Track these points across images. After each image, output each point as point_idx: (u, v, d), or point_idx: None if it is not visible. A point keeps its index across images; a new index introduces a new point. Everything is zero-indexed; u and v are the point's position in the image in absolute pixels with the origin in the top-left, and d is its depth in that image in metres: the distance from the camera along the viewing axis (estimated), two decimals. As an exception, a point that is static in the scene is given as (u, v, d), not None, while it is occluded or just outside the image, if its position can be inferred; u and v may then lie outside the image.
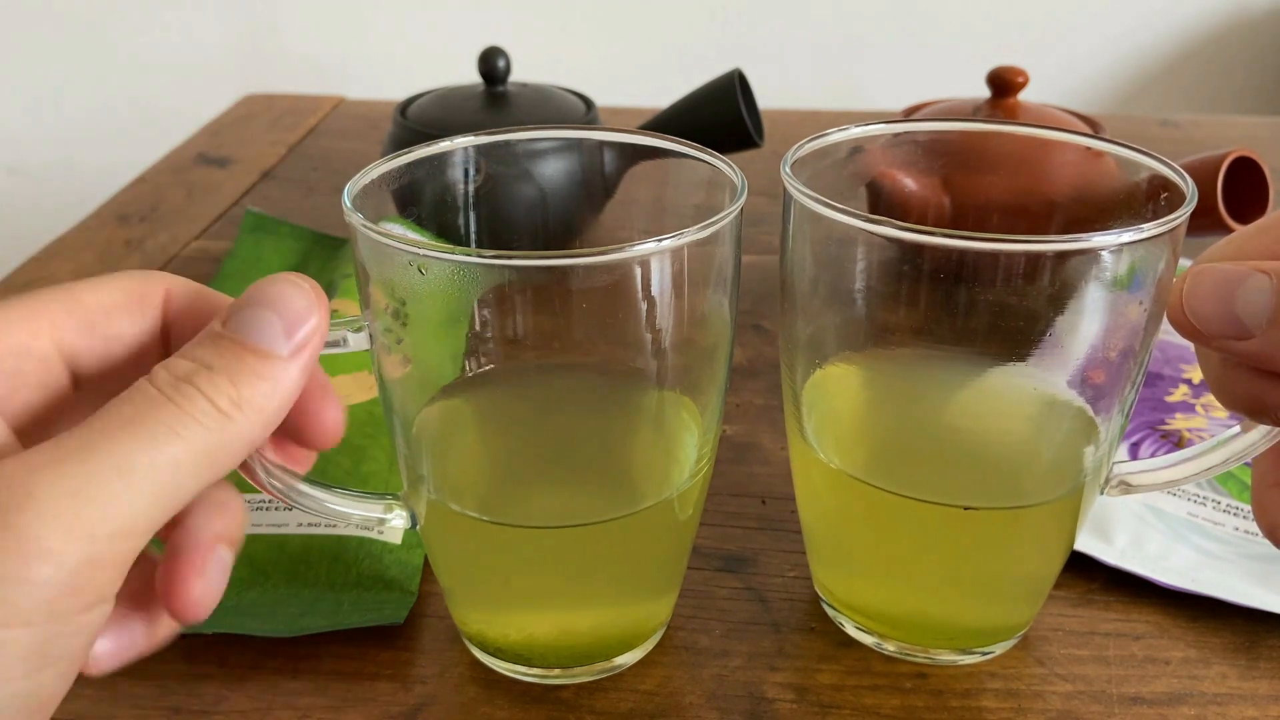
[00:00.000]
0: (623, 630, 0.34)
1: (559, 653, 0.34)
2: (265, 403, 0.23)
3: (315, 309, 0.24)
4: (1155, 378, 0.48)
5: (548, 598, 0.33)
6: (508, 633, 0.34)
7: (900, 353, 0.33)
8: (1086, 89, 1.70)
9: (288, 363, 0.23)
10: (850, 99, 1.62)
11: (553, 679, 0.34)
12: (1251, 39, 1.68)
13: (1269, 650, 0.35)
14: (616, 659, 0.34)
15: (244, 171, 0.79)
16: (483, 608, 0.34)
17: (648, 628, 0.35)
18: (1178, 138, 0.85)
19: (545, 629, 0.34)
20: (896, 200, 0.57)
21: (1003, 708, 0.33)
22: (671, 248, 0.27)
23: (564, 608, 0.34)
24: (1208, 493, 0.41)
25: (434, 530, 0.32)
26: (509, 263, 0.26)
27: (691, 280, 0.28)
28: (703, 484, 0.33)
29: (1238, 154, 0.50)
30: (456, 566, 0.34)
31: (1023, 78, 0.58)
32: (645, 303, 0.28)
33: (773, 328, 0.56)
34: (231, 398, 0.22)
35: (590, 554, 0.32)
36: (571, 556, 0.32)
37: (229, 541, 0.24)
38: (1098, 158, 0.32)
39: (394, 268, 0.27)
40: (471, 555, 0.33)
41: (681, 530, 0.33)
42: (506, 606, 0.34)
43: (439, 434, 0.33)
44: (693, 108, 0.61)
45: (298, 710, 0.33)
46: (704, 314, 0.30)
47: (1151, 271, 0.28)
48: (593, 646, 0.34)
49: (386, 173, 0.31)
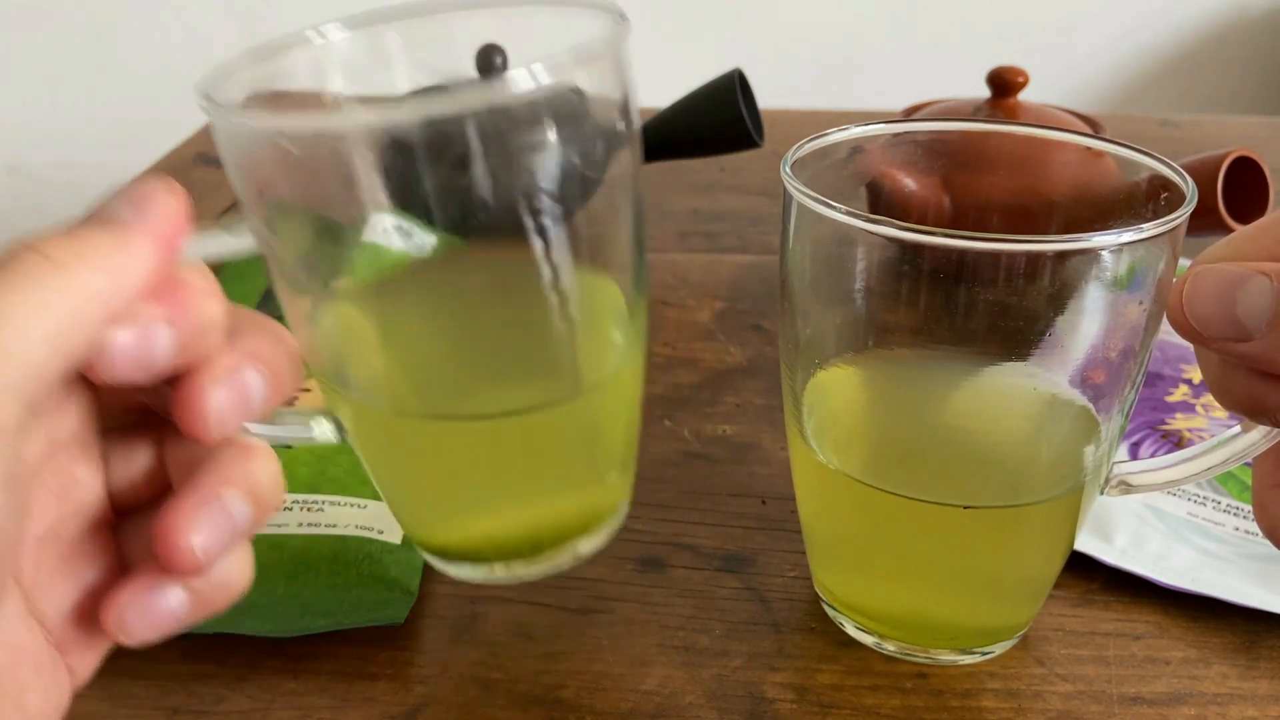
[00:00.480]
0: (575, 517, 0.33)
1: (515, 547, 0.32)
2: (108, 256, 0.21)
3: (166, 189, 0.23)
4: (1155, 378, 0.48)
5: (489, 494, 0.32)
6: (462, 536, 0.33)
7: (900, 353, 0.33)
8: (1086, 89, 1.70)
9: (133, 227, 0.22)
10: (850, 99, 1.62)
11: (517, 576, 0.33)
12: (1251, 39, 1.68)
13: (1269, 650, 0.35)
14: (577, 547, 0.33)
15: (244, 171, 0.79)
16: (427, 510, 0.33)
17: (601, 512, 0.33)
18: (1178, 138, 0.85)
19: (495, 524, 0.33)
20: (896, 200, 0.57)
21: (1003, 708, 0.33)
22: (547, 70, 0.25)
23: (509, 501, 0.33)
24: (1208, 493, 0.41)
25: (363, 437, 0.31)
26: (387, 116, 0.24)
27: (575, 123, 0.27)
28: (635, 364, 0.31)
29: (1238, 154, 0.50)
30: (392, 472, 0.32)
31: (1023, 78, 0.58)
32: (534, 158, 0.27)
33: (772, 328, 0.56)
34: (65, 248, 0.21)
35: (529, 444, 0.31)
36: (508, 449, 0.31)
37: (243, 490, 0.24)
38: (1097, 158, 0.32)
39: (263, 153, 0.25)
40: (405, 458, 0.32)
41: (623, 409, 0.32)
42: (450, 506, 0.33)
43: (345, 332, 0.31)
44: (693, 108, 0.61)
45: (298, 710, 0.33)
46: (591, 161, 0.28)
47: (1151, 271, 0.28)
48: (547, 536, 0.33)
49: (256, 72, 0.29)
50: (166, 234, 0.22)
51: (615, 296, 0.31)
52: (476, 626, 0.37)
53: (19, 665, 0.23)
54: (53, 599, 0.24)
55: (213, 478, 0.23)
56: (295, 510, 0.40)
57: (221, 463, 0.24)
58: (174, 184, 0.23)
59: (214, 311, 0.23)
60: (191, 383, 0.23)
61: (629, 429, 0.33)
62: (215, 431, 0.23)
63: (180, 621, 0.24)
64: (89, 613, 0.25)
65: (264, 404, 0.24)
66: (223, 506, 0.23)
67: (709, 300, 0.59)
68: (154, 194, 0.23)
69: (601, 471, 0.33)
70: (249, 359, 0.24)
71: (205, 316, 0.23)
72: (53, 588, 0.24)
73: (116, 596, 0.24)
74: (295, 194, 0.26)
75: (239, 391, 0.23)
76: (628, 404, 0.32)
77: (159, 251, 0.22)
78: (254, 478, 0.24)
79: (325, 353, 0.30)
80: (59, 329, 0.20)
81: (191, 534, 0.23)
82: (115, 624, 0.24)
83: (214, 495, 0.23)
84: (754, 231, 0.69)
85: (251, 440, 0.25)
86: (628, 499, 0.35)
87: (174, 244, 0.23)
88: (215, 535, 0.23)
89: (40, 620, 0.24)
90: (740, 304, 0.59)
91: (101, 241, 0.21)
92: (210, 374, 0.23)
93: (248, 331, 0.24)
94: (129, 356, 0.22)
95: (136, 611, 0.24)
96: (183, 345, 0.22)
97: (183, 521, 0.23)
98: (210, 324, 0.23)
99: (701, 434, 0.47)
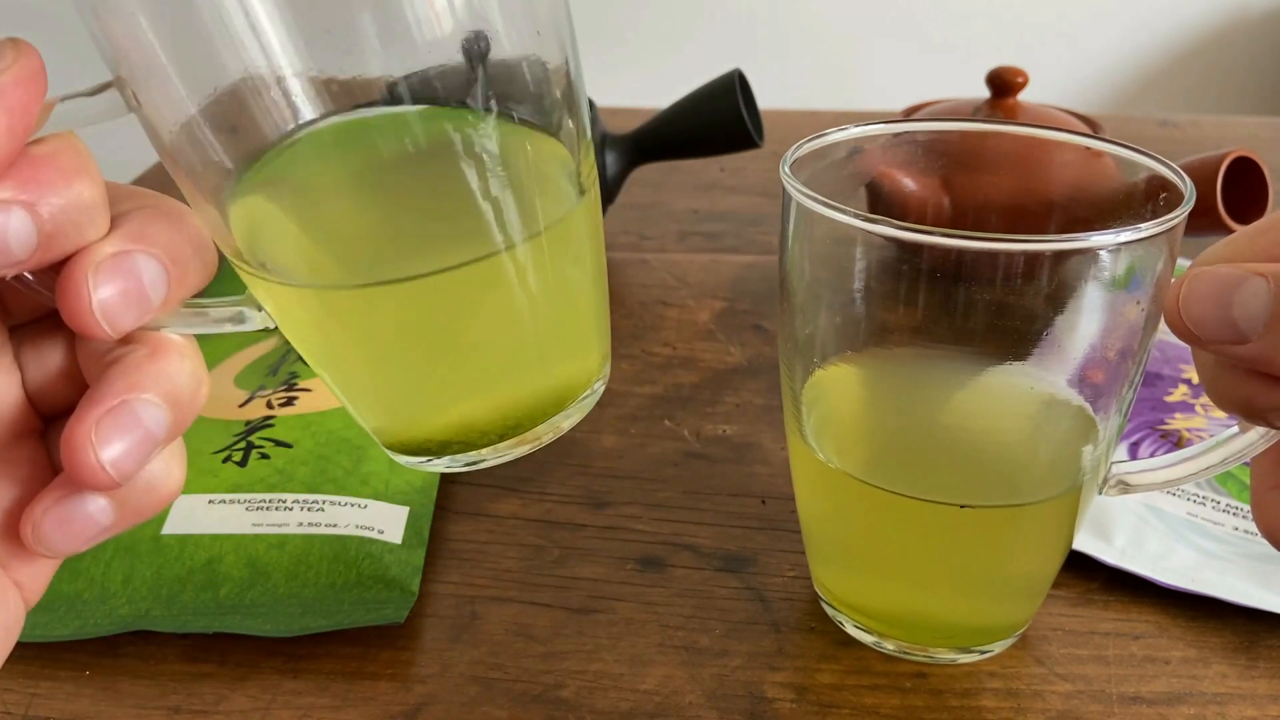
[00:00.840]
0: (547, 392, 0.31)
1: (486, 426, 0.30)
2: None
3: (14, 49, 0.20)
4: (1155, 378, 0.48)
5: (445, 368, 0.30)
6: (430, 422, 0.31)
7: (899, 352, 0.33)
8: (1086, 89, 1.70)
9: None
10: (850, 99, 1.62)
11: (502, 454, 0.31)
12: (1251, 39, 1.68)
13: (1269, 650, 0.35)
14: (556, 420, 0.31)
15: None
16: (384, 401, 0.31)
17: (577, 382, 0.31)
18: (1178, 138, 0.85)
19: (457, 404, 0.31)
20: (896, 200, 0.57)
21: (1002, 707, 0.33)
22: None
23: (470, 376, 0.30)
24: (1208, 493, 0.41)
25: (296, 326, 0.28)
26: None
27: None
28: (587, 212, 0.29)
29: (1237, 154, 0.50)
30: (336, 362, 0.30)
31: (1023, 78, 0.58)
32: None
33: (772, 328, 0.56)
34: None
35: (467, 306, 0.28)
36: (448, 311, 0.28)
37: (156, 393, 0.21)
38: (1097, 158, 0.32)
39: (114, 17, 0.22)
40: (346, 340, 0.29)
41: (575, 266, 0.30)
42: (406, 391, 0.31)
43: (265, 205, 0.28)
44: (693, 108, 0.61)
45: (298, 710, 0.33)
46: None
47: (1150, 271, 0.28)
48: (522, 413, 0.31)
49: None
50: (14, 99, 0.19)
51: (551, 144, 0.28)
52: (476, 626, 0.37)
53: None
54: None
55: (120, 383, 0.21)
56: (295, 510, 0.40)
57: (129, 364, 0.21)
58: (23, 42, 0.20)
59: (85, 191, 0.21)
60: (70, 273, 0.20)
61: (592, 287, 0.31)
62: (107, 327, 0.21)
63: (106, 530, 0.22)
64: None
65: (166, 294, 0.21)
66: (133, 414, 0.21)
67: (709, 300, 0.59)
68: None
69: (564, 334, 0.30)
70: (138, 242, 0.21)
71: (74, 197, 0.20)
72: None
73: (33, 509, 0.22)
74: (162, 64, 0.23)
75: (129, 280, 0.21)
76: (583, 256, 0.30)
77: (3, 116, 0.19)
78: (169, 379, 0.22)
79: (240, 231, 0.27)
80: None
81: (101, 448, 0.20)
82: (33, 537, 0.22)
83: (122, 402, 0.21)
84: (754, 231, 0.69)
85: (164, 336, 0.22)
86: (605, 368, 0.33)
87: (26, 111, 0.19)
88: (128, 447, 0.21)
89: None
90: (740, 304, 0.59)
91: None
92: (90, 260, 0.20)
93: (137, 213, 0.22)
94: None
95: (55, 522, 0.22)
96: (47, 234, 0.20)
97: (89, 434, 0.20)
98: (81, 205, 0.20)
99: (701, 434, 0.47)
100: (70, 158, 0.21)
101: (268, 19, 0.23)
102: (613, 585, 0.38)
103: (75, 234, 0.20)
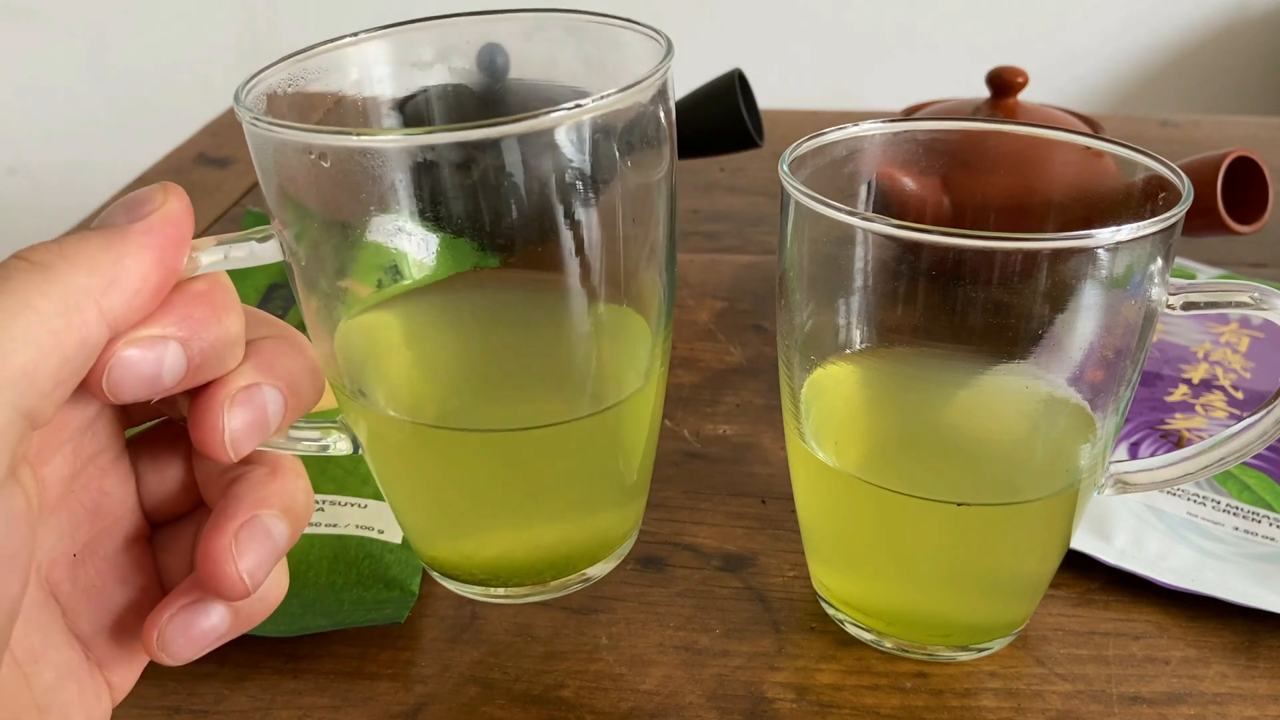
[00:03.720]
0: (589, 540, 0.33)
1: (527, 569, 0.33)
2: (95, 256, 0.20)
3: (164, 192, 0.22)
4: (1155, 378, 0.48)
5: (507, 511, 0.32)
6: (472, 554, 0.33)
7: (897, 351, 0.33)
8: (1086, 89, 1.70)
9: (124, 228, 0.21)
10: (850, 99, 1.62)
11: (524, 597, 0.33)
12: (1251, 39, 1.68)
13: (1269, 650, 0.35)
14: (587, 570, 0.33)
15: (244, 171, 0.79)
16: (441, 529, 0.33)
17: (615, 536, 0.34)
18: (1178, 138, 0.85)
19: (509, 545, 0.33)
20: (896, 200, 0.57)
21: (1002, 707, 0.33)
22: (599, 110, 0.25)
23: (525, 520, 0.33)
24: (1208, 493, 0.41)
25: (381, 451, 0.31)
26: (427, 139, 0.25)
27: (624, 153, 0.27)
28: (657, 386, 0.32)
29: (1238, 154, 0.50)
30: (409, 487, 0.32)
31: (1023, 78, 0.58)
32: (571, 184, 0.26)
33: (772, 328, 0.56)
34: (52, 251, 0.20)
35: (545, 460, 0.31)
36: (525, 463, 0.31)
37: (279, 508, 0.23)
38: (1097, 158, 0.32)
39: (295, 162, 0.25)
40: (422, 470, 0.32)
41: (640, 432, 0.32)
42: (467, 525, 0.33)
43: (370, 343, 0.31)
44: (693, 108, 0.61)
45: (298, 710, 0.33)
46: (638, 201, 0.28)
47: (1147, 270, 0.28)
48: (560, 559, 0.33)
49: (288, 75, 0.28)
50: (165, 235, 0.21)
51: (638, 321, 0.31)
52: (476, 626, 0.37)
53: (63, 683, 0.23)
54: (90, 615, 0.24)
55: (248, 498, 0.23)
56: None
57: (254, 482, 0.23)
58: (174, 186, 0.22)
59: (232, 327, 0.22)
60: (207, 403, 0.22)
61: (645, 453, 0.33)
62: (232, 454, 0.22)
63: (221, 639, 0.24)
64: (127, 628, 0.25)
65: (281, 422, 0.23)
66: (264, 528, 0.23)
67: (709, 300, 0.59)
68: (149, 197, 0.22)
69: (614, 495, 0.33)
70: (267, 375, 0.23)
71: (221, 333, 0.22)
72: (90, 604, 0.24)
73: (157, 617, 0.23)
74: (325, 205, 0.26)
75: (256, 411, 0.23)
76: (644, 428, 0.33)
77: (154, 251, 0.21)
78: (289, 495, 0.23)
79: (347, 363, 0.30)
80: (46, 329, 0.19)
81: (239, 559, 0.22)
82: (157, 645, 0.23)
83: (254, 517, 0.22)
84: (754, 231, 0.69)
85: (280, 455, 0.24)
86: (638, 525, 0.35)
87: (175, 246, 0.22)
88: (259, 558, 0.22)
89: (79, 636, 0.24)
90: (740, 304, 0.59)
91: (89, 243, 0.21)
92: (226, 393, 0.22)
93: (266, 342, 0.24)
94: (135, 376, 0.21)
95: (178, 631, 0.23)
96: (195, 365, 0.22)
97: (227, 546, 0.22)
98: (227, 340, 0.22)
99: (701, 434, 0.47)
100: (222, 295, 0.22)
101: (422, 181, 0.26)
102: (613, 585, 0.38)
103: (218, 365, 0.22)
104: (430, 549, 0.34)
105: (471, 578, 0.33)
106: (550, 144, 0.26)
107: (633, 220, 0.29)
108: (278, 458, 0.24)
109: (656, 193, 0.29)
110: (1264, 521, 0.40)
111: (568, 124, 0.25)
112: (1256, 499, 0.41)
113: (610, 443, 0.32)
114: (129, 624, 0.25)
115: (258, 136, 0.25)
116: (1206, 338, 0.51)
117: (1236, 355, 0.50)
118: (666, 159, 0.29)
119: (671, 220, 0.30)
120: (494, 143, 0.25)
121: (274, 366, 0.23)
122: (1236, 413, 0.46)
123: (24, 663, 0.22)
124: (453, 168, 0.26)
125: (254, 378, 0.23)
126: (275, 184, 0.26)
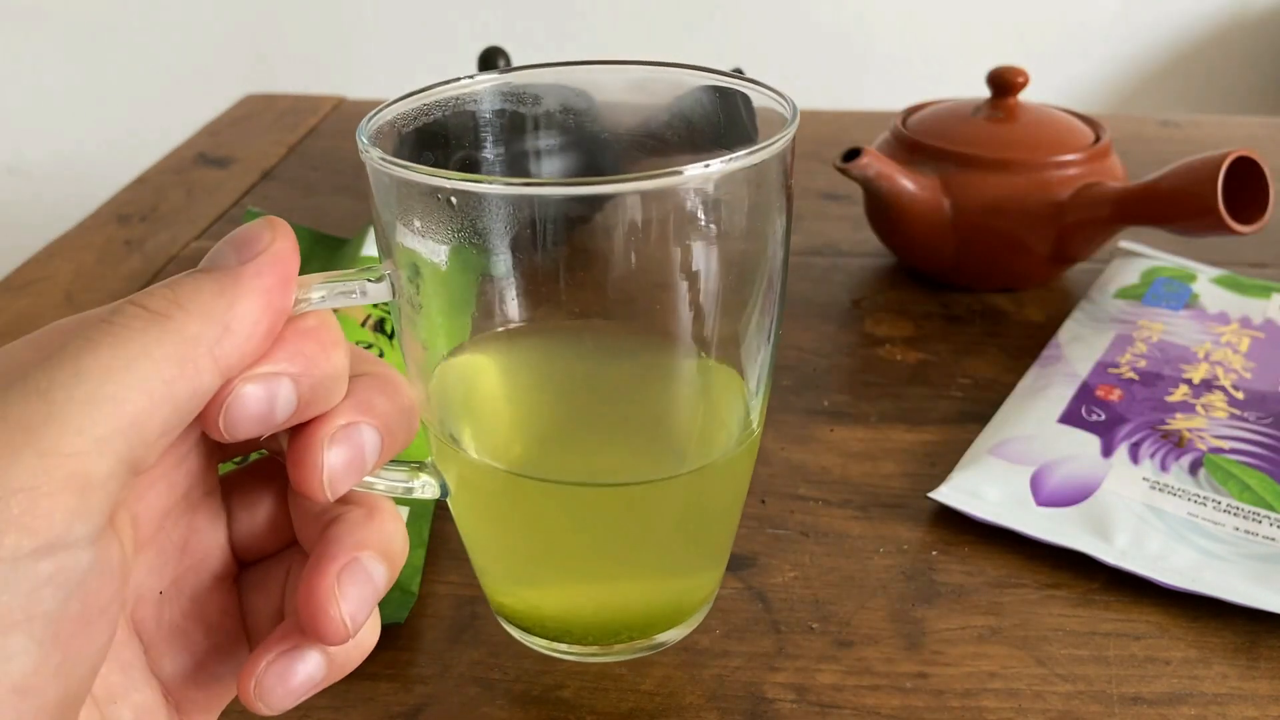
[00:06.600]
0: (666, 604, 0.33)
1: (600, 628, 0.32)
2: (209, 303, 0.20)
3: (271, 230, 0.22)
4: (1155, 378, 0.48)
5: (587, 566, 0.32)
6: (546, 606, 0.33)
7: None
8: (1086, 89, 1.70)
9: (236, 270, 0.21)
10: (850, 99, 1.62)
11: (591, 656, 0.33)
12: (1251, 39, 1.68)
13: (1269, 650, 0.35)
14: (658, 636, 0.33)
15: (244, 171, 0.79)
16: (520, 579, 0.33)
17: (691, 603, 0.33)
18: (1178, 138, 0.85)
19: (584, 601, 0.32)
20: (895, 200, 0.57)
21: (1003, 707, 0.33)
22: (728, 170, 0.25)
23: (604, 577, 0.32)
24: (1208, 493, 0.41)
25: (468, 496, 0.30)
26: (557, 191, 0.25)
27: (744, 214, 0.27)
28: (750, 450, 0.31)
29: (1238, 154, 0.50)
30: (493, 534, 0.32)
31: (1023, 78, 0.58)
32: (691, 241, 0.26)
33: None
34: (167, 298, 0.20)
35: (634, 517, 0.30)
36: (613, 518, 0.30)
37: (377, 551, 0.22)
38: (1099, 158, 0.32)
39: (421, 206, 0.26)
40: (510, 519, 0.31)
41: (729, 497, 0.32)
42: (545, 577, 0.32)
43: (472, 388, 0.31)
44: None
45: (298, 710, 0.33)
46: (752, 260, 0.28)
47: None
48: (634, 620, 0.32)
49: (404, 112, 0.29)
50: (275, 276, 0.21)
51: (737, 383, 0.31)
52: (476, 626, 0.37)
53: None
54: (173, 655, 0.24)
55: (347, 540, 0.22)
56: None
57: (352, 523, 0.23)
58: (280, 222, 0.22)
59: (339, 364, 0.22)
60: (308, 441, 0.22)
61: (729, 518, 0.33)
62: (329, 493, 0.22)
63: (316, 687, 0.23)
64: (208, 670, 0.24)
65: (378, 460, 0.23)
66: (364, 570, 0.22)
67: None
68: (257, 235, 0.22)
69: (696, 559, 0.33)
70: (366, 414, 0.23)
71: (330, 369, 0.22)
72: (173, 644, 0.24)
73: (254, 665, 0.22)
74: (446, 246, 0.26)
75: (354, 450, 0.22)
76: (734, 492, 0.32)
77: (266, 293, 0.21)
78: (387, 538, 0.23)
79: (446, 406, 0.30)
80: (160, 378, 0.19)
81: (342, 603, 0.22)
82: (255, 694, 0.22)
83: (354, 560, 0.22)
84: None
85: (376, 497, 0.24)
86: (716, 591, 0.35)
87: (284, 286, 0.22)
88: (360, 601, 0.22)
89: (159, 677, 0.23)
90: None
91: (202, 288, 0.21)
92: (326, 431, 0.22)
93: (365, 379, 0.24)
94: (250, 414, 0.21)
95: (275, 680, 0.22)
96: (305, 402, 0.22)
97: (330, 588, 0.22)
98: (335, 376, 0.22)
99: (701, 434, 0.47)
100: (330, 332, 0.23)
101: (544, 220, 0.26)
102: (613, 585, 0.38)
103: (325, 401, 0.22)
104: (503, 594, 0.33)
105: (544, 631, 0.33)
106: (677, 201, 0.26)
107: (747, 281, 0.29)
108: (375, 499, 0.24)
109: (772, 254, 0.29)
110: (1264, 522, 0.40)
111: (697, 182, 0.26)
112: (1257, 499, 0.41)
113: (699, 505, 0.31)
114: (210, 666, 0.24)
115: (380, 174, 0.26)
116: (1207, 338, 0.51)
117: (1237, 355, 0.50)
118: (784, 221, 0.29)
119: (783, 283, 0.30)
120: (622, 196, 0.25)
121: (372, 405, 0.23)
122: (1237, 413, 0.46)
123: (103, 702, 0.22)
124: (578, 218, 0.26)
125: (353, 416, 0.23)
126: (395, 223, 0.26)
